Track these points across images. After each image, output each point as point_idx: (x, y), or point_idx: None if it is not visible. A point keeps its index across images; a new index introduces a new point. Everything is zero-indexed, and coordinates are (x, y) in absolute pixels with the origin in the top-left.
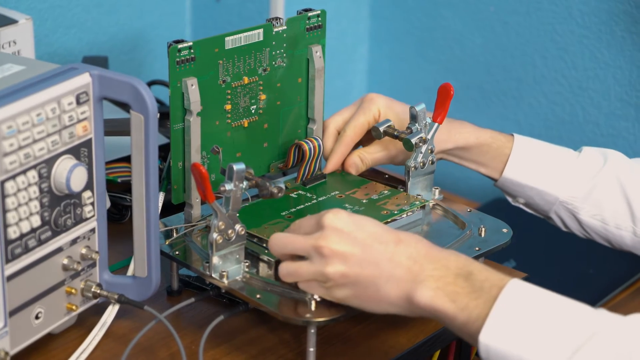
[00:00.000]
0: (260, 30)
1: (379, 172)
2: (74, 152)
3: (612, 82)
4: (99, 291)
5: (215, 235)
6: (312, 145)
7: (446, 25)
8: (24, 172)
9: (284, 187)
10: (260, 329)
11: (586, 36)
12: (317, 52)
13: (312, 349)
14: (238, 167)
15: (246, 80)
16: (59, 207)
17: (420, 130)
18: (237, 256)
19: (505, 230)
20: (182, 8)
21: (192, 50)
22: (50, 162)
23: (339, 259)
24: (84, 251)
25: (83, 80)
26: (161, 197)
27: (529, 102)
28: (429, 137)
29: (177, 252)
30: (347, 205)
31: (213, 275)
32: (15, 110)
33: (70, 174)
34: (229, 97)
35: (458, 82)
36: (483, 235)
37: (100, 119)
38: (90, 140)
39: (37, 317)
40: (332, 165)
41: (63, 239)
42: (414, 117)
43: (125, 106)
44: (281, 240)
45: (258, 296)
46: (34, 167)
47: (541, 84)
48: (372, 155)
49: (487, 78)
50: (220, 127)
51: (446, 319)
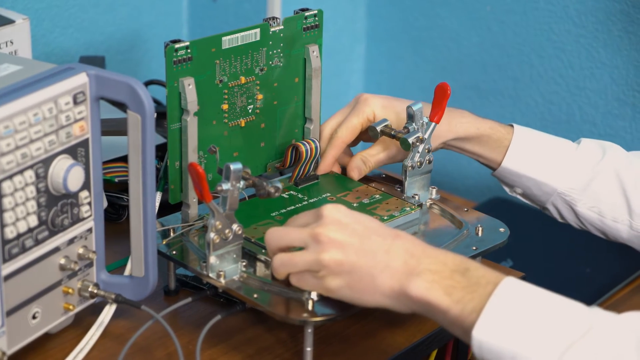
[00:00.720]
0: (257, 30)
1: (375, 171)
2: (71, 151)
3: (609, 82)
4: (96, 291)
5: (212, 234)
6: (309, 147)
7: (443, 24)
8: (21, 172)
9: (280, 187)
10: (257, 328)
11: (583, 35)
12: (314, 51)
13: (309, 349)
14: (235, 166)
15: (243, 80)
16: (56, 206)
17: (417, 130)
18: (234, 256)
19: (502, 229)
20: (179, 8)
21: (189, 50)
22: (47, 161)
23: (336, 247)
24: (81, 251)
25: (80, 80)
26: (158, 196)
27: (525, 102)
28: (426, 136)
29: (174, 252)
30: None
31: (210, 274)
32: (12, 110)
33: (67, 174)
34: (226, 96)
35: (455, 82)
36: (480, 234)
37: (97, 118)
38: (87, 140)
39: (34, 317)
40: (323, 167)
41: (60, 239)
42: (410, 117)
43: (122, 106)
44: (277, 233)
45: (255, 296)
46: (31, 166)
47: (538, 84)
48: (375, 157)
49: (483, 77)
50: (217, 126)
51: (438, 313)
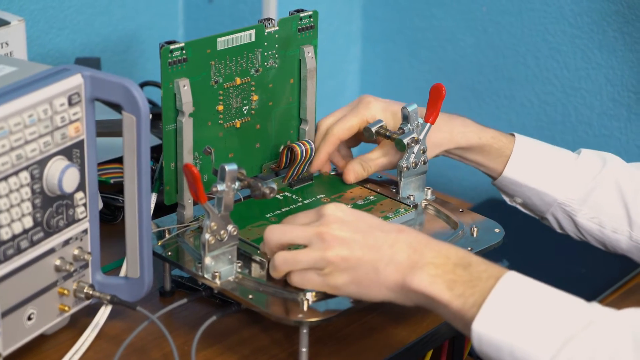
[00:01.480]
0: (252, 31)
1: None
2: (66, 153)
3: (604, 82)
4: (91, 292)
5: (207, 235)
6: (304, 148)
7: (438, 25)
8: (16, 173)
9: (275, 188)
10: (252, 329)
11: (578, 36)
12: (309, 52)
13: (304, 349)
14: (230, 167)
15: (238, 81)
16: (51, 208)
17: (412, 131)
18: (230, 257)
19: (497, 230)
20: (174, 9)
21: (184, 51)
22: (42, 163)
23: (341, 244)
24: (76, 252)
25: (75, 81)
26: (154, 198)
27: (521, 102)
28: (421, 137)
29: (169, 253)
30: None
31: (205, 275)
32: (7, 111)
33: (62, 175)
34: (221, 98)
35: (450, 82)
36: (475, 235)
37: (92, 120)
38: (82, 141)
39: (29, 318)
40: (315, 163)
41: (55, 240)
42: (405, 118)
43: (117, 107)
44: (279, 230)
45: (250, 296)
46: (26, 168)
47: (533, 84)
48: (375, 161)
49: (479, 78)
50: (212, 127)
51: (440, 306)
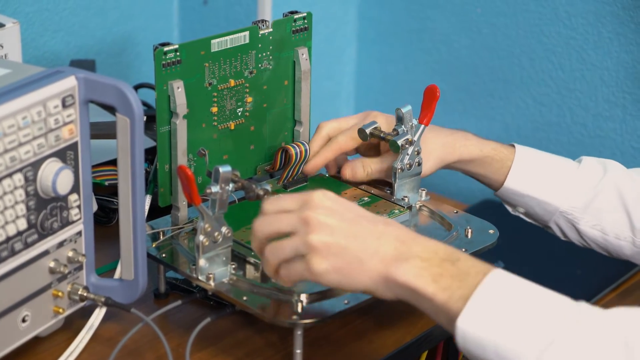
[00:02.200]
0: (246, 33)
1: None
2: (60, 155)
3: (599, 84)
4: (85, 294)
5: (201, 237)
6: (298, 150)
7: (433, 27)
8: (9, 175)
9: (270, 189)
10: (247, 331)
11: (573, 37)
12: (303, 54)
13: (298, 351)
14: (224, 169)
15: (232, 82)
16: (46, 210)
17: (406, 132)
18: (224, 258)
19: (491, 231)
20: (169, 11)
21: (178, 53)
22: (36, 165)
23: (325, 230)
24: (70, 254)
25: (69, 83)
26: (148, 199)
27: (516, 104)
28: (415, 138)
29: (164, 255)
30: None
31: (200, 277)
32: (1, 113)
33: (56, 177)
34: (215, 99)
35: (445, 84)
36: (469, 236)
37: (86, 121)
38: (76, 143)
39: (23, 321)
40: (311, 166)
41: (49, 242)
42: (400, 119)
43: (111, 109)
44: (265, 221)
45: (245, 298)
46: (19, 170)
47: (528, 86)
48: (376, 165)
49: (474, 79)
50: (206, 129)
51: (424, 300)
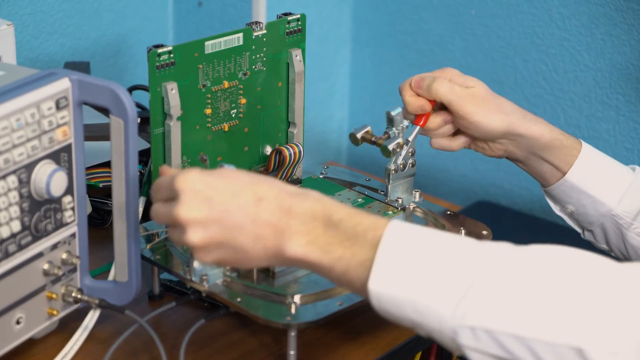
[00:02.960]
0: (240, 35)
1: (359, 175)
2: (54, 157)
3: (593, 85)
4: (79, 296)
5: None
6: (292, 151)
7: (427, 28)
8: (3, 177)
9: None
10: (241, 332)
11: (566, 39)
12: (297, 56)
13: (292, 352)
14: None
15: (226, 84)
16: (39, 212)
17: (397, 135)
18: None
19: (485, 232)
20: (164, 13)
21: (171, 55)
22: (30, 167)
23: (198, 227)
24: (64, 256)
25: (62, 85)
26: (142, 201)
27: None
28: (410, 139)
29: (158, 257)
30: None
31: (194, 279)
32: None
33: (50, 179)
34: (209, 101)
35: None
36: None
37: (80, 123)
38: (70, 145)
39: (18, 323)
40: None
41: (43, 244)
42: (390, 121)
43: (105, 111)
44: (152, 211)
45: (238, 299)
46: (13, 172)
47: (522, 87)
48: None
49: None
50: (200, 131)
51: (323, 271)
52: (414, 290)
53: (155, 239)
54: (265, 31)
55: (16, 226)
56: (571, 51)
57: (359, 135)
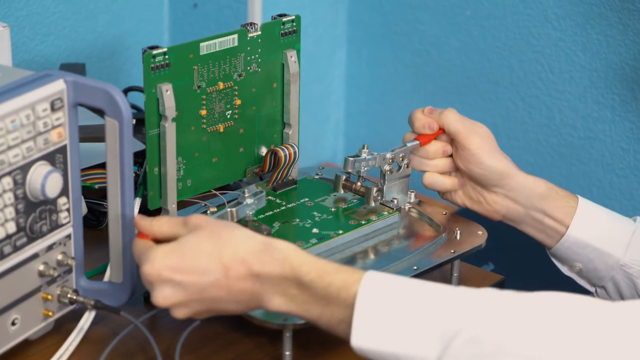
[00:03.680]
0: (235, 36)
1: (354, 176)
2: (49, 158)
3: (588, 85)
4: (75, 297)
5: None
6: (287, 152)
7: (423, 29)
8: None
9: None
10: (236, 333)
11: (562, 39)
12: (292, 57)
13: (288, 353)
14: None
15: (221, 85)
16: (35, 213)
17: (373, 183)
18: None
19: (480, 232)
20: (159, 15)
21: (166, 56)
22: (25, 168)
23: (179, 307)
24: (60, 257)
25: (57, 86)
26: (137, 202)
27: (506, 106)
28: (408, 144)
29: None
30: (315, 213)
31: None
32: None
33: (45, 180)
34: (204, 102)
35: (435, 86)
36: (458, 238)
37: (75, 125)
38: (65, 146)
39: (13, 324)
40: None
41: (39, 245)
42: (357, 172)
43: (100, 112)
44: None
45: None
46: (8, 173)
47: (518, 87)
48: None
49: (464, 82)
50: (195, 132)
51: (310, 322)
52: (395, 344)
53: None
54: (260, 32)
55: (11, 227)
56: (567, 51)
57: (340, 183)
